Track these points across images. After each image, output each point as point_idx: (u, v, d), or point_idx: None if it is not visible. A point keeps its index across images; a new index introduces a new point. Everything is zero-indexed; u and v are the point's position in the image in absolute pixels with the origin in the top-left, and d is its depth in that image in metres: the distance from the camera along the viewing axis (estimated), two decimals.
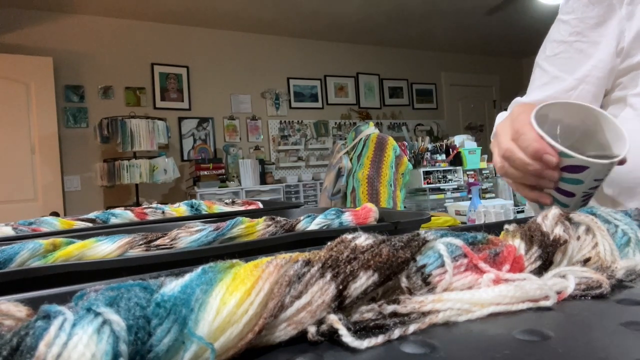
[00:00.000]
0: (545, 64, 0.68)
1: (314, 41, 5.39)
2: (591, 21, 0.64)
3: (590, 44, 0.64)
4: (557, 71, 0.66)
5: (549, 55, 0.68)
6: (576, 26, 0.65)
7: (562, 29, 0.66)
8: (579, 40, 0.64)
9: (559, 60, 0.66)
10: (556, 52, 0.66)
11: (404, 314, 0.26)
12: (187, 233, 0.58)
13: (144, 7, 4.23)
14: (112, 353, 0.18)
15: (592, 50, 0.64)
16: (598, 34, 0.64)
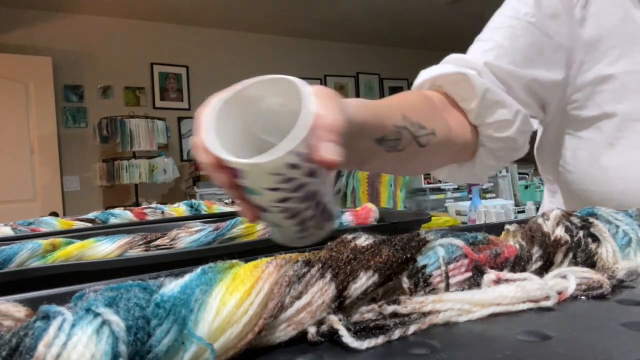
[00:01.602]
0: (492, 31, 0.62)
1: (314, 41, 5.39)
2: (548, 10, 0.59)
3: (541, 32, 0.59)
4: (502, 40, 0.60)
5: (497, 25, 0.62)
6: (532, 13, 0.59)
7: (515, 6, 0.61)
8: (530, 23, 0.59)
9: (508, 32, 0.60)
10: (506, 24, 0.61)
11: (404, 314, 0.26)
12: (187, 233, 0.58)
13: (143, 7, 4.23)
14: (112, 353, 0.18)
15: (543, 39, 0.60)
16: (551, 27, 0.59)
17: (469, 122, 0.57)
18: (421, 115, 0.50)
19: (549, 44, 0.59)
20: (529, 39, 0.59)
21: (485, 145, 0.58)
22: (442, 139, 0.52)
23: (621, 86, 0.58)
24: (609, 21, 0.59)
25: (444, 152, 0.55)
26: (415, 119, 0.49)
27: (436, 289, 0.29)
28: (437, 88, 0.58)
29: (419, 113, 0.50)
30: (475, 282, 0.30)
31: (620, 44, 0.59)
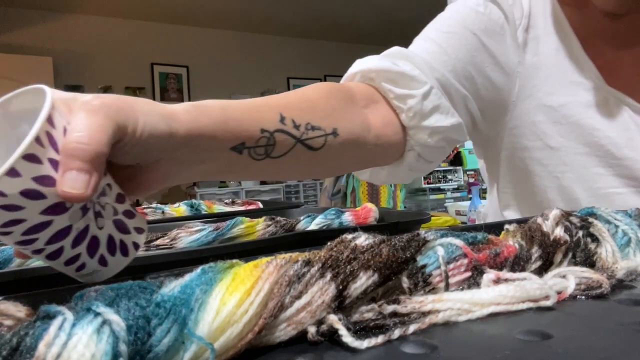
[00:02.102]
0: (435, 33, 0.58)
1: (314, 41, 5.40)
2: (495, 27, 0.58)
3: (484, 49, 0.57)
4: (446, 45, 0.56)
5: (442, 28, 0.58)
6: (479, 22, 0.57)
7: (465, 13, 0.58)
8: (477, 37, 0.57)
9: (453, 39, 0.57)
10: (452, 29, 0.57)
11: (404, 314, 0.26)
12: (187, 233, 0.58)
13: (144, 7, 4.23)
14: (112, 353, 0.18)
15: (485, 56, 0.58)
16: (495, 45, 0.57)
17: (399, 121, 0.52)
18: (317, 114, 0.44)
19: (490, 63, 0.57)
20: (472, 52, 0.56)
21: (414, 149, 0.53)
22: (349, 139, 0.46)
23: (562, 119, 0.57)
24: (546, 49, 0.58)
25: (355, 152, 0.48)
26: (304, 119, 0.42)
27: (436, 289, 0.29)
28: (369, 81, 0.53)
29: (313, 112, 0.44)
30: (474, 282, 0.30)
31: (556, 74, 0.58)
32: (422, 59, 0.54)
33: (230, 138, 0.37)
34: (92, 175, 0.26)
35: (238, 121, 0.38)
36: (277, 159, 0.41)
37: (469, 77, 0.56)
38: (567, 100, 0.57)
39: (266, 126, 0.39)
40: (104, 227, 0.31)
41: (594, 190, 0.57)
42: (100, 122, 0.27)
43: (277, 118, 0.40)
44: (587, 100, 0.57)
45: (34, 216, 0.26)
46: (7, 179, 0.24)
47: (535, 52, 0.59)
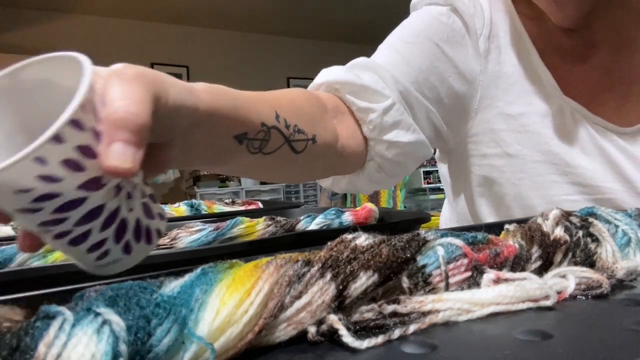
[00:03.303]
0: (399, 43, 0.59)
1: (314, 41, 5.40)
2: (456, 37, 0.59)
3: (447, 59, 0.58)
4: (409, 56, 0.57)
5: (406, 39, 0.59)
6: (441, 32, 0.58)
7: (429, 23, 0.59)
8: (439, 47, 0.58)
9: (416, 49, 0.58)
10: (415, 40, 0.58)
11: (404, 313, 0.26)
12: (187, 233, 0.58)
13: (143, 7, 4.23)
14: (112, 353, 0.18)
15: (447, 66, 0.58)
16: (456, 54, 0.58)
17: (361, 132, 0.53)
18: (302, 118, 0.45)
19: (452, 72, 0.58)
20: (434, 63, 0.57)
21: (374, 160, 0.54)
22: (323, 147, 0.47)
23: (520, 127, 0.59)
24: (507, 59, 0.59)
25: (325, 160, 0.49)
26: (293, 121, 0.43)
27: (436, 289, 0.29)
28: (334, 92, 0.53)
29: (299, 115, 0.45)
30: (474, 282, 0.30)
31: (516, 84, 0.59)
32: (386, 70, 0.54)
33: (237, 126, 0.37)
34: (139, 148, 0.24)
35: (245, 110, 0.37)
36: (266, 155, 0.41)
37: (432, 87, 0.57)
38: (525, 110, 0.59)
39: (265, 121, 0.40)
40: (133, 209, 0.28)
41: (549, 197, 0.58)
42: (141, 92, 0.25)
43: (274, 115, 0.41)
44: (544, 109, 0.58)
45: (70, 191, 0.24)
46: (51, 145, 0.22)
47: (497, 61, 0.60)
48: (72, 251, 0.27)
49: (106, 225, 0.27)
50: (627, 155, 0.56)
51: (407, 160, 0.56)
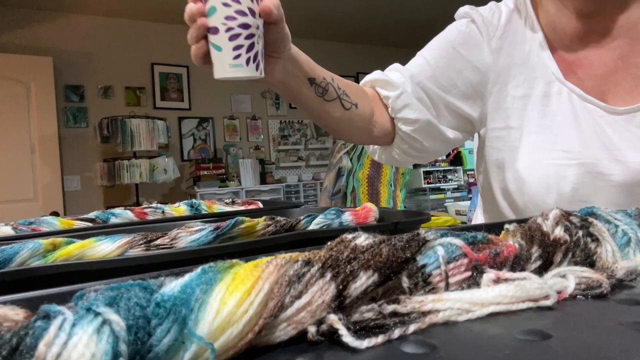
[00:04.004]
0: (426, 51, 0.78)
1: (314, 41, 5.39)
2: (472, 41, 0.75)
3: (462, 57, 0.75)
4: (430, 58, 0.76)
5: (432, 46, 0.78)
6: (459, 38, 0.75)
7: (450, 32, 0.77)
8: (455, 49, 0.75)
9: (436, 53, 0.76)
10: (438, 46, 0.77)
11: (404, 313, 0.26)
12: (187, 233, 0.58)
13: (144, 7, 4.23)
14: (112, 353, 0.18)
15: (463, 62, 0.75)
16: (471, 54, 0.75)
17: (388, 114, 0.76)
18: (349, 89, 0.70)
19: (467, 66, 0.74)
20: (451, 62, 0.75)
21: (398, 133, 0.76)
22: (362, 114, 0.72)
23: (523, 106, 0.72)
24: (518, 53, 0.73)
25: (364, 125, 0.73)
26: (343, 87, 0.69)
27: (436, 289, 0.29)
28: (372, 86, 0.78)
29: (347, 87, 0.70)
30: (474, 282, 0.30)
31: (524, 72, 0.72)
32: (407, 70, 0.75)
33: (310, 73, 0.65)
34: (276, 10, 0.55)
35: (315, 67, 0.67)
36: (326, 103, 0.67)
37: (449, 78, 0.75)
38: (529, 92, 0.71)
39: (326, 77, 0.68)
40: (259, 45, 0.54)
41: (540, 160, 0.69)
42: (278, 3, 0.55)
43: (330, 78, 0.68)
44: (544, 91, 0.70)
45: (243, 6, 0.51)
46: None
47: (509, 54, 0.73)
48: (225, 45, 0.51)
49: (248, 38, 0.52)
50: (615, 129, 0.65)
51: (420, 136, 0.75)
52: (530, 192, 0.69)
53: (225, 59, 0.52)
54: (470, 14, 0.76)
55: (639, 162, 0.62)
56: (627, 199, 0.64)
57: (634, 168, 0.62)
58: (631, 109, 0.65)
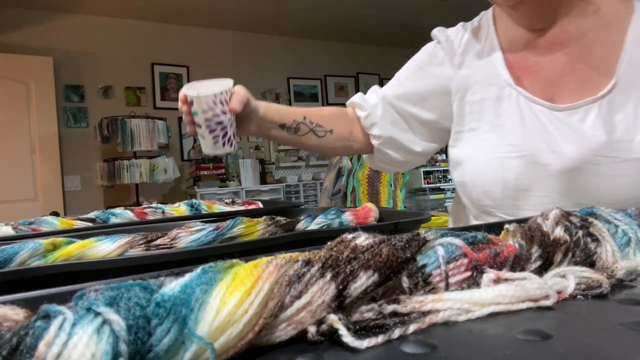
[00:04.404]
0: (399, 73, 0.93)
1: (314, 41, 5.40)
2: (437, 60, 0.88)
3: (430, 74, 0.88)
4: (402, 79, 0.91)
5: (404, 68, 0.93)
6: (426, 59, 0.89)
7: (418, 56, 0.92)
8: (422, 69, 0.89)
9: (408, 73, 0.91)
10: (409, 68, 0.92)
11: (404, 313, 0.26)
12: (187, 233, 0.58)
13: (144, 7, 4.23)
14: (112, 353, 0.18)
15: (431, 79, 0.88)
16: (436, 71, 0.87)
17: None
18: (324, 119, 0.89)
19: (433, 82, 0.88)
20: (418, 79, 0.89)
21: (374, 145, 0.92)
22: (339, 136, 0.90)
23: (479, 109, 0.82)
24: (477, 64, 0.84)
25: (341, 144, 0.91)
26: (315, 120, 0.87)
27: (436, 289, 0.29)
28: (352, 107, 0.94)
29: (322, 118, 0.89)
30: (474, 282, 0.30)
31: (481, 80, 0.82)
32: (382, 91, 0.91)
33: (280, 120, 0.84)
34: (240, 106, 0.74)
35: (286, 113, 0.85)
36: (300, 136, 0.86)
37: (420, 94, 0.88)
38: (484, 97, 0.81)
39: (297, 118, 0.86)
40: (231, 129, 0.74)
41: (492, 155, 0.78)
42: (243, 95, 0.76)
43: (302, 117, 0.87)
44: (497, 95, 0.80)
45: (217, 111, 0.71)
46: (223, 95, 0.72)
47: (470, 66, 0.84)
48: (207, 135, 0.71)
49: (222, 129, 0.71)
50: (555, 125, 0.74)
51: (386, 149, 0.91)
52: (482, 182, 0.78)
53: (208, 143, 0.73)
54: (437, 36, 0.89)
55: (572, 152, 0.70)
56: (562, 186, 0.72)
57: (567, 157, 0.71)
58: (571, 106, 0.73)
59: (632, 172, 0.69)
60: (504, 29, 0.83)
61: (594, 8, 0.75)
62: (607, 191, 0.70)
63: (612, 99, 0.72)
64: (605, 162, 0.69)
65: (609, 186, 0.70)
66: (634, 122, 0.70)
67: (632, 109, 0.71)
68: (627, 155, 0.69)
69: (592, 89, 0.73)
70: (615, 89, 0.72)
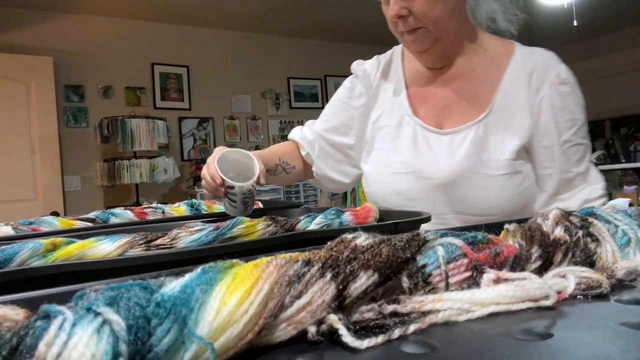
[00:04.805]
0: (327, 108, 1.08)
1: (314, 41, 5.39)
2: (356, 93, 1.03)
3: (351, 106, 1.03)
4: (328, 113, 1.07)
5: (330, 103, 1.07)
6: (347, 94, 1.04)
7: (340, 91, 1.06)
8: (345, 102, 1.04)
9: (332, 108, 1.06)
10: (333, 103, 1.06)
11: (404, 313, 0.26)
12: (187, 233, 0.58)
13: (144, 7, 4.23)
14: (112, 353, 0.18)
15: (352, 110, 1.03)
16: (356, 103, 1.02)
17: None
18: (289, 157, 1.02)
19: (355, 113, 1.02)
20: (343, 112, 1.03)
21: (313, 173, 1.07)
22: (298, 170, 1.05)
23: (384, 134, 0.97)
24: (387, 96, 0.99)
25: (299, 175, 1.06)
26: (286, 159, 1.01)
27: (436, 289, 0.29)
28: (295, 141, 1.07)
29: (288, 156, 1.02)
30: (474, 282, 0.30)
31: (388, 108, 0.98)
32: (315, 127, 1.06)
33: (266, 167, 0.86)
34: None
35: (268, 160, 0.93)
36: (275, 176, 0.99)
37: (346, 125, 1.03)
38: (388, 123, 0.97)
39: (275, 162, 0.98)
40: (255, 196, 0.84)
41: (388, 170, 0.93)
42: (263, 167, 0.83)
43: (278, 159, 0.99)
44: (398, 122, 0.95)
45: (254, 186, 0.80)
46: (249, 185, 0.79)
47: (382, 97, 1.00)
48: (239, 207, 0.80)
49: (252, 197, 0.81)
50: (442, 146, 0.89)
51: (323, 181, 1.08)
52: (382, 193, 0.94)
53: (238, 211, 0.80)
54: (355, 71, 1.05)
55: (450, 168, 0.86)
56: (443, 196, 0.86)
57: (446, 173, 0.86)
58: (454, 130, 0.89)
59: (497, 186, 0.84)
60: (410, 64, 1.00)
61: (482, 50, 0.92)
62: (477, 201, 0.84)
63: (487, 124, 0.87)
64: (476, 177, 0.84)
65: (478, 197, 0.84)
66: (501, 144, 0.85)
67: (501, 133, 0.86)
68: (492, 172, 0.84)
69: (473, 115, 0.88)
70: (489, 115, 0.87)
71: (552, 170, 0.86)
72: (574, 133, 0.86)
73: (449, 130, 0.89)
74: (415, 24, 0.87)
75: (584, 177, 0.87)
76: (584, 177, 0.87)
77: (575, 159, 0.86)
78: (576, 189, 0.87)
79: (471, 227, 0.39)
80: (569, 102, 0.86)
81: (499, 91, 0.88)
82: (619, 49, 5.83)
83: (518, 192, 0.85)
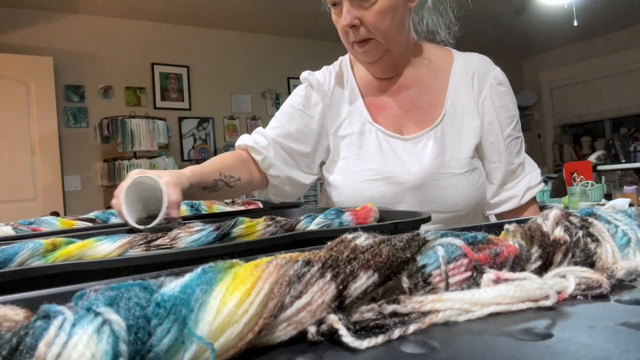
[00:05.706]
0: (280, 115, 1.04)
1: (314, 41, 5.39)
2: (311, 101, 1.01)
3: (306, 114, 1.01)
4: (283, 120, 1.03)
5: (283, 110, 1.04)
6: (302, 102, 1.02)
7: (294, 99, 1.04)
8: (301, 110, 1.02)
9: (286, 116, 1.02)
10: (287, 110, 1.03)
11: (404, 313, 0.26)
12: (187, 233, 0.58)
13: (144, 7, 4.23)
14: (112, 353, 0.18)
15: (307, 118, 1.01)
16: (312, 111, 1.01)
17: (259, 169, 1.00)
18: (233, 169, 0.92)
19: (311, 121, 1.01)
20: (298, 120, 1.01)
21: (269, 183, 1.00)
22: (245, 181, 0.95)
23: (348, 142, 0.99)
24: (344, 105, 1.01)
25: (248, 186, 0.98)
26: (228, 172, 0.91)
27: (436, 289, 0.29)
28: (245, 150, 1.00)
29: (231, 168, 0.92)
30: (474, 282, 0.30)
31: (348, 117, 1.00)
32: (269, 134, 1.00)
33: (203, 184, 0.84)
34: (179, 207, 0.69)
35: (205, 177, 0.85)
36: (216, 192, 0.89)
37: (301, 133, 1.01)
38: (350, 132, 0.99)
39: (214, 178, 0.88)
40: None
41: (358, 177, 0.96)
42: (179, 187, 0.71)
43: (218, 173, 0.89)
44: (360, 130, 0.98)
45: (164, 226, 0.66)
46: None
47: (338, 106, 1.01)
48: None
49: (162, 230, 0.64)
50: (407, 152, 0.94)
51: (283, 186, 1.01)
52: (355, 200, 0.93)
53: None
54: (308, 80, 1.03)
55: (418, 172, 0.91)
56: (415, 198, 0.91)
57: (416, 176, 0.91)
58: (415, 136, 0.95)
59: (460, 184, 0.91)
60: (360, 74, 1.03)
61: (427, 61, 1.00)
62: (445, 200, 0.91)
63: (443, 127, 0.94)
64: (441, 178, 0.91)
65: (445, 195, 0.91)
66: (459, 144, 0.94)
67: (457, 133, 0.94)
68: (456, 170, 0.92)
69: (429, 121, 0.96)
70: (444, 120, 0.95)
71: (498, 164, 0.96)
72: (513, 128, 0.97)
73: (410, 137, 0.95)
74: (366, 34, 0.90)
75: (524, 167, 0.98)
76: (523, 166, 0.98)
77: (515, 151, 0.97)
78: (519, 178, 0.98)
79: (471, 227, 0.39)
80: (507, 101, 0.96)
81: (448, 96, 0.96)
82: (618, 49, 5.83)
83: (478, 187, 0.94)
